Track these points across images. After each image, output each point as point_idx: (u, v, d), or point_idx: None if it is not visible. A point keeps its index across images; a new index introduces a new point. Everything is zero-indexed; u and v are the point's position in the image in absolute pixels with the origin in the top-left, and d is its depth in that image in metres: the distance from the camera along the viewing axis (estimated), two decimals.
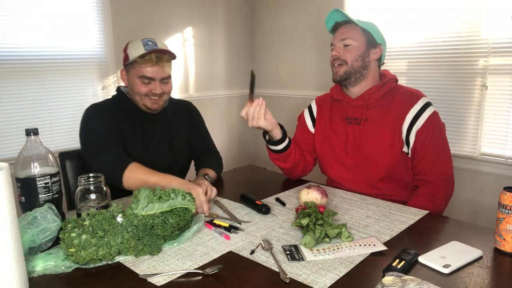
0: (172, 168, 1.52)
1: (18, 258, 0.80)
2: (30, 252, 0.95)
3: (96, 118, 1.51)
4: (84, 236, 0.93)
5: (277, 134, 1.50)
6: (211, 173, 1.61)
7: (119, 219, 1.00)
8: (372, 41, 1.49)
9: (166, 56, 1.50)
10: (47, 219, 0.99)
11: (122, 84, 1.63)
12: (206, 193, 1.27)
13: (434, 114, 1.45)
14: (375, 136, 1.47)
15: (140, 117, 1.59)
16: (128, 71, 1.54)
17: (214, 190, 1.33)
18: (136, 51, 1.47)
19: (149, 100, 1.53)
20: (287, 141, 1.54)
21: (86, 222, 0.96)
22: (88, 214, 0.99)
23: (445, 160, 1.45)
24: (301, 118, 1.73)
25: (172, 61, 1.56)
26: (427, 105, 1.46)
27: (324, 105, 1.66)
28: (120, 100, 1.59)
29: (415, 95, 1.48)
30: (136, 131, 1.57)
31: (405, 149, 1.45)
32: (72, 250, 0.92)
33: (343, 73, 1.51)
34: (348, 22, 1.51)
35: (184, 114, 1.75)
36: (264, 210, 1.26)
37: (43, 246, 0.98)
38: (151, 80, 1.50)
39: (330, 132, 1.59)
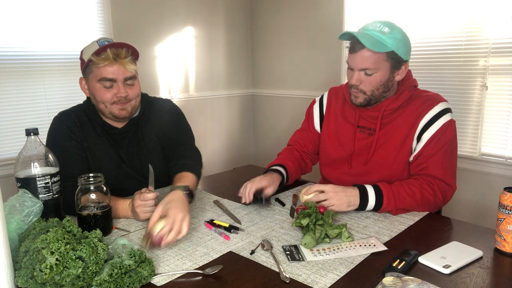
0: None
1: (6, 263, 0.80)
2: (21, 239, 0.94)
3: (59, 144, 1.38)
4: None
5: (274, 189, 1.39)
6: (189, 179, 1.27)
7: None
8: (397, 62, 1.30)
9: (124, 51, 1.33)
10: (26, 204, 0.99)
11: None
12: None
13: (450, 123, 1.32)
14: (385, 148, 1.38)
15: (106, 134, 1.44)
16: (87, 77, 1.37)
17: (185, 227, 1.04)
18: (90, 51, 1.32)
19: (116, 106, 1.35)
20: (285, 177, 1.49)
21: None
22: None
23: (452, 173, 1.33)
24: (309, 113, 1.63)
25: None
26: (445, 111, 1.32)
27: (335, 102, 1.55)
28: (89, 109, 1.44)
29: (433, 100, 1.35)
30: (106, 148, 1.43)
31: (410, 158, 1.36)
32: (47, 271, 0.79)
33: (362, 100, 1.36)
34: None
35: (161, 118, 1.52)
36: (260, 199, 1.27)
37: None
38: (112, 82, 1.33)
39: (335, 139, 1.51)
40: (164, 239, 1.00)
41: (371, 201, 1.24)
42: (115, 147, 1.45)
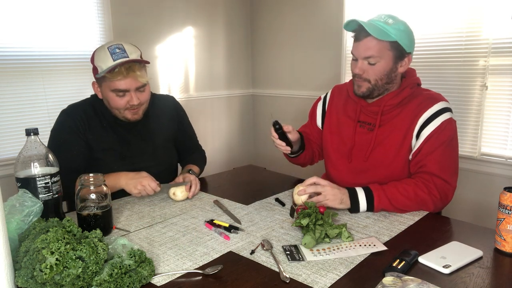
0: (155, 173, 1.42)
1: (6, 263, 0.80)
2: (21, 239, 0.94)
3: (62, 137, 1.45)
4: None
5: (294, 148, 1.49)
6: (195, 168, 1.66)
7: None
8: (401, 53, 1.32)
9: (137, 65, 1.40)
10: (26, 204, 0.99)
11: None
12: (190, 187, 1.42)
13: (450, 121, 1.31)
14: (385, 145, 1.39)
15: (114, 126, 1.51)
16: (100, 84, 1.45)
17: (198, 185, 1.45)
18: (104, 62, 1.37)
19: (129, 112, 1.46)
20: (300, 151, 1.55)
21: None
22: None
23: (451, 171, 1.31)
24: (313, 111, 1.66)
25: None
26: (445, 109, 1.32)
27: (338, 98, 1.57)
28: (96, 103, 1.52)
29: (433, 98, 1.35)
30: (111, 142, 1.50)
31: (410, 156, 1.37)
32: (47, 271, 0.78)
33: (365, 90, 1.36)
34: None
35: (167, 113, 1.66)
36: (278, 126, 1.34)
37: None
38: (125, 91, 1.41)
39: (337, 135, 1.52)
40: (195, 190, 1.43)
41: (362, 199, 1.25)
42: (121, 139, 1.52)
